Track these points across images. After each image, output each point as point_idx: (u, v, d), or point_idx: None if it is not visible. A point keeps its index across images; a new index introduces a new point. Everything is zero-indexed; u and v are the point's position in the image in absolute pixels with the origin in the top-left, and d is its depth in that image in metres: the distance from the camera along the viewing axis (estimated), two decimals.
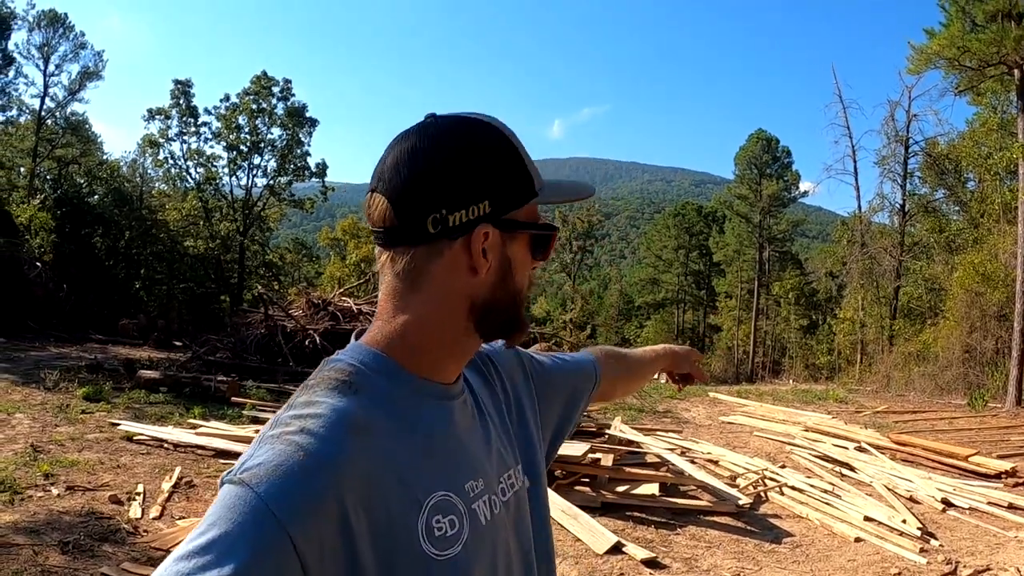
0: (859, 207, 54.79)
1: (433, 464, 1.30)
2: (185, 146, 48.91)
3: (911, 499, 11.17)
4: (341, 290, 28.09)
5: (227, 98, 49.40)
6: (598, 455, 10.63)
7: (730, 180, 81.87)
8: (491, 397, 1.61)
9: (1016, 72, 28.92)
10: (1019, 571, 8.26)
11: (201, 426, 13.34)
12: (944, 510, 10.79)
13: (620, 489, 10.22)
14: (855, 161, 55.20)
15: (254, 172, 51.01)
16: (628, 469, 10.78)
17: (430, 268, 1.31)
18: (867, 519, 9.97)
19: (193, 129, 48.84)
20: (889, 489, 11.43)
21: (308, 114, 50.91)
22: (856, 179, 55.93)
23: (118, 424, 12.80)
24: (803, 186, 75.67)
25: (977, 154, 40.48)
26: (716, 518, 9.92)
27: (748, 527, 9.71)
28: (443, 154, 1.28)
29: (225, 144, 49.92)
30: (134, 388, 16.53)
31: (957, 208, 48.27)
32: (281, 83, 50.08)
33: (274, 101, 49.78)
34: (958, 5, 30.32)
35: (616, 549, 8.25)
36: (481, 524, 1.33)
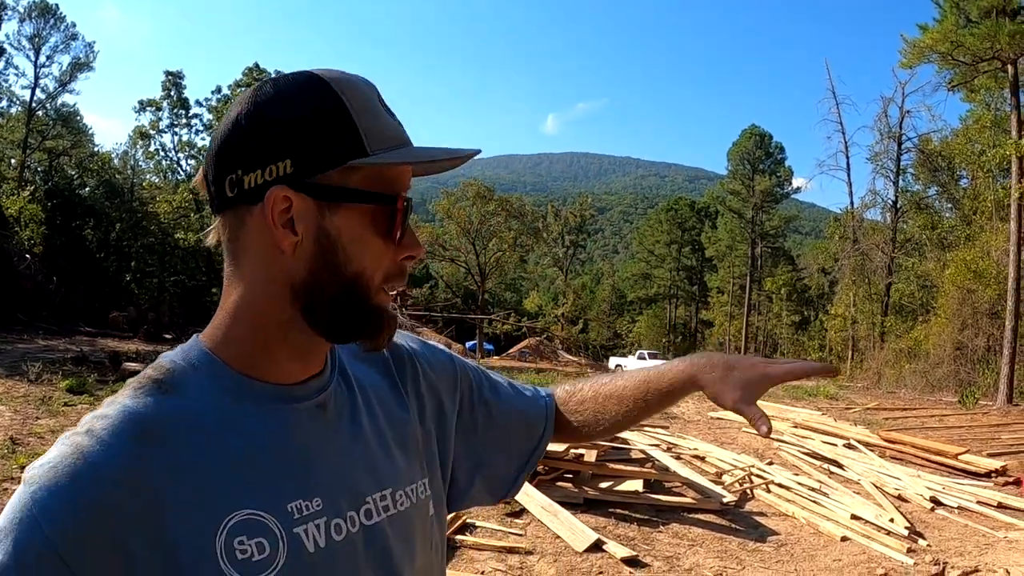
0: (851, 203, 55.15)
1: (245, 478, 1.07)
2: (176, 138, 48.93)
3: (899, 497, 11.06)
4: None
5: (219, 90, 49.40)
6: (581, 450, 10.49)
7: (723, 175, 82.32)
8: (394, 401, 1.36)
9: (1010, 68, 29.00)
10: (1008, 572, 8.14)
11: None
12: (933, 509, 10.67)
13: (603, 485, 10.07)
14: (848, 157, 55.56)
15: None
16: (612, 465, 10.63)
17: (241, 240, 1.11)
18: (854, 518, 9.84)
19: (184, 121, 48.84)
20: (877, 487, 11.32)
21: None
22: (849, 175, 56.24)
23: None
24: (796, 182, 76.25)
25: (970, 151, 40.61)
26: (700, 515, 9.75)
27: (733, 525, 9.56)
28: (247, 111, 1.09)
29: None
30: (118, 380, 16.35)
31: (950, 205, 48.50)
32: (273, 75, 49.89)
33: None
34: (952, 0, 30.31)
35: (596, 547, 8.03)
36: (307, 551, 1.10)
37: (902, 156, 49.30)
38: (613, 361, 52.40)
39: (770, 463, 12.81)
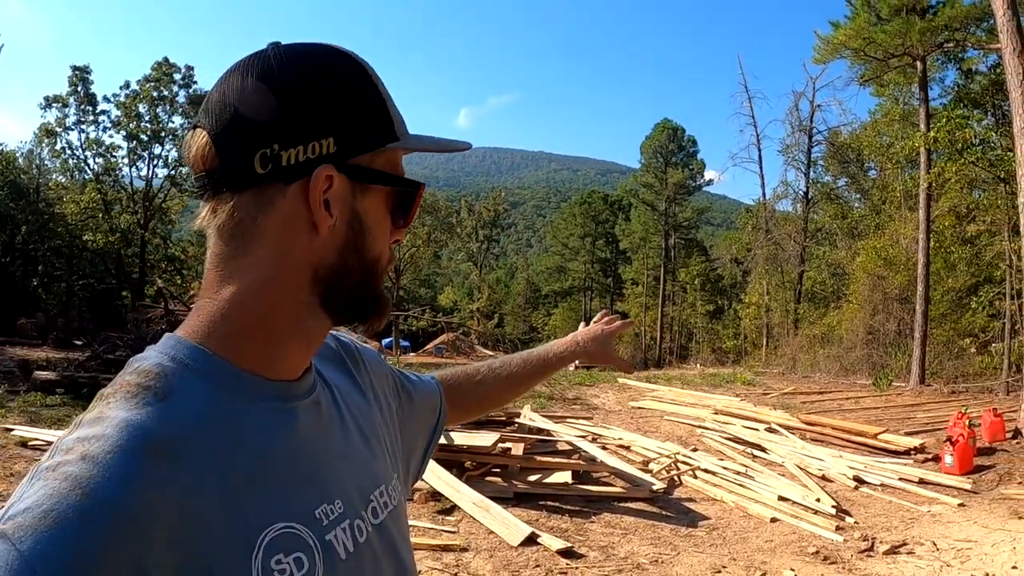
0: (763, 195, 56.03)
1: (268, 487, 0.99)
2: (83, 135, 47.42)
3: (823, 478, 11.28)
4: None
5: (127, 85, 48.13)
6: (508, 444, 10.44)
7: (636, 169, 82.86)
8: (360, 396, 1.32)
9: (919, 64, 29.78)
10: (935, 544, 8.34)
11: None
12: (857, 487, 10.92)
13: (532, 478, 10.07)
14: (760, 150, 56.53)
15: (155, 162, 49.18)
16: (539, 458, 10.62)
17: (259, 222, 1.02)
18: (781, 499, 10.01)
19: (92, 118, 47.39)
20: (801, 468, 11.51)
21: None
22: (761, 167, 57.17)
23: (12, 429, 12.17)
24: (708, 175, 77.13)
25: (879, 143, 41.71)
26: (631, 504, 9.85)
27: (663, 512, 9.66)
28: (281, 81, 1.01)
29: (125, 133, 48.20)
30: (29, 390, 15.80)
31: (859, 195, 49.61)
32: (183, 70, 49.24)
33: (176, 88, 48.85)
34: None
35: (531, 540, 8.04)
36: (340, 558, 1.04)
37: (813, 148, 50.25)
38: None
39: (694, 450, 12.96)
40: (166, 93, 48.37)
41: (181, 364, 0.99)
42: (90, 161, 47.98)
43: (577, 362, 2.13)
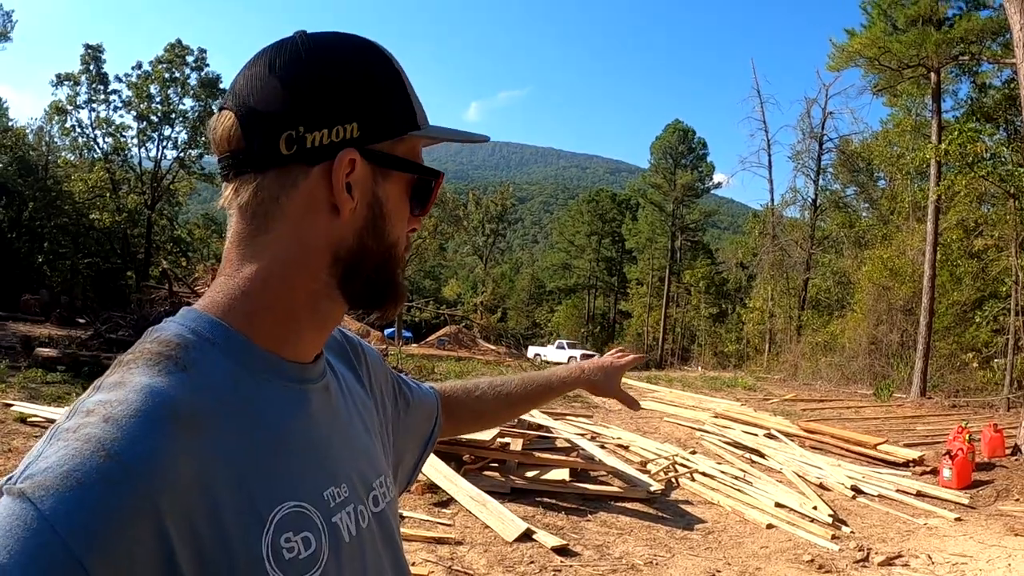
0: (772, 200, 56.20)
1: (281, 466, 0.99)
2: (94, 114, 47.16)
3: (821, 486, 11.29)
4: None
5: (139, 66, 47.95)
6: (507, 439, 10.44)
7: (645, 169, 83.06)
8: (361, 390, 1.33)
9: (933, 76, 29.82)
10: (930, 557, 8.35)
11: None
12: (854, 497, 10.94)
13: (530, 474, 10.07)
14: (770, 155, 56.81)
15: (164, 144, 49.03)
16: (538, 454, 10.63)
17: (281, 202, 1.03)
18: (779, 505, 10.02)
19: (103, 97, 47.18)
20: (799, 476, 11.53)
21: (223, 85, 49.45)
22: (770, 172, 57.43)
23: (11, 405, 12.18)
24: (717, 177, 77.40)
25: (889, 153, 41.76)
26: (627, 504, 9.85)
27: (660, 513, 9.67)
28: (308, 66, 1.03)
29: (135, 114, 47.81)
30: (31, 367, 15.79)
31: (867, 205, 49.70)
32: (196, 52, 49.11)
33: (188, 71, 48.46)
34: (880, 8, 31.24)
35: (526, 536, 8.04)
36: (344, 542, 1.04)
37: (823, 156, 50.50)
38: (532, 350, 52.66)
39: (693, 452, 12.96)
40: (178, 75, 48.16)
41: (202, 337, 1.00)
42: (99, 140, 47.83)
43: (577, 359, 2.12)
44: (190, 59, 48.51)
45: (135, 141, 48.65)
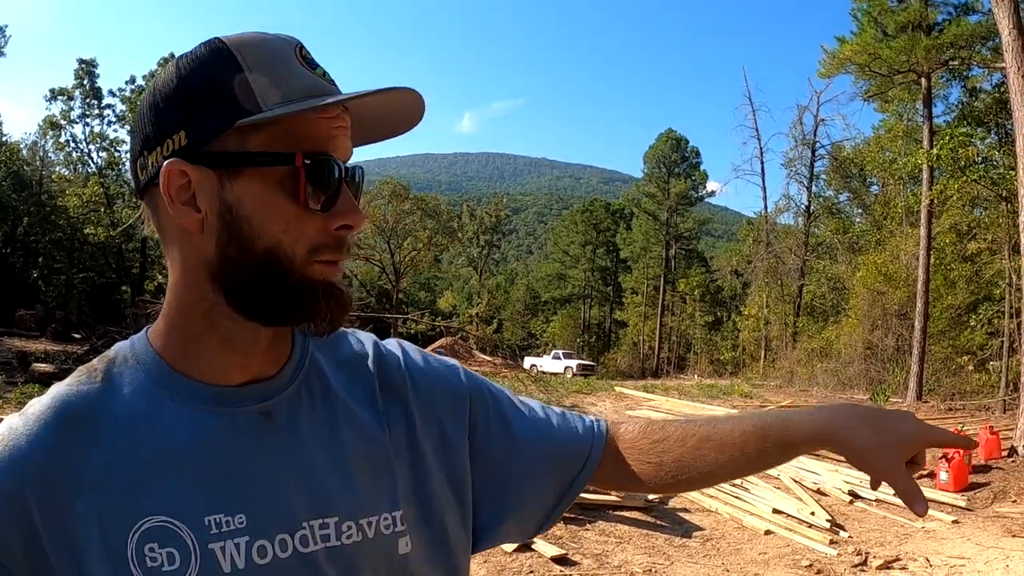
0: (765, 207, 56.30)
1: (162, 482, 0.99)
2: (88, 129, 47.45)
3: (819, 491, 11.32)
4: None
5: (133, 80, 48.13)
6: None
7: (638, 178, 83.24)
8: (372, 419, 1.18)
9: (923, 81, 30.08)
10: (928, 560, 8.37)
11: None
12: (851, 502, 10.97)
13: None
14: (763, 162, 56.81)
15: None
16: None
17: (160, 224, 1.05)
18: (776, 512, 10.04)
19: (97, 111, 47.42)
20: (797, 482, 11.54)
21: None
22: (763, 180, 57.42)
23: None
24: (710, 186, 77.70)
25: (882, 159, 42.02)
26: (625, 513, 9.84)
27: (658, 521, 9.68)
28: (151, 90, 1.03)
29: (130, 128, 47.99)
30: (27, 382, 15.84)
31: (860, 211, 50.00)
32: None
33: None
34: (870, 15, 31.46)
35: (525, 546, 8.04)
36: (222, 570, 0.98)
37: (815, 162, 50.80)
38: (528, 361, 52.67)
39: None
40: None
41: (131, 354, 1.07)
42: (93, 155, 48.04)
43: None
44: None
45: (129, 156, 48.82)
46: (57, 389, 1.03)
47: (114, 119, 47.99)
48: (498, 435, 1.30)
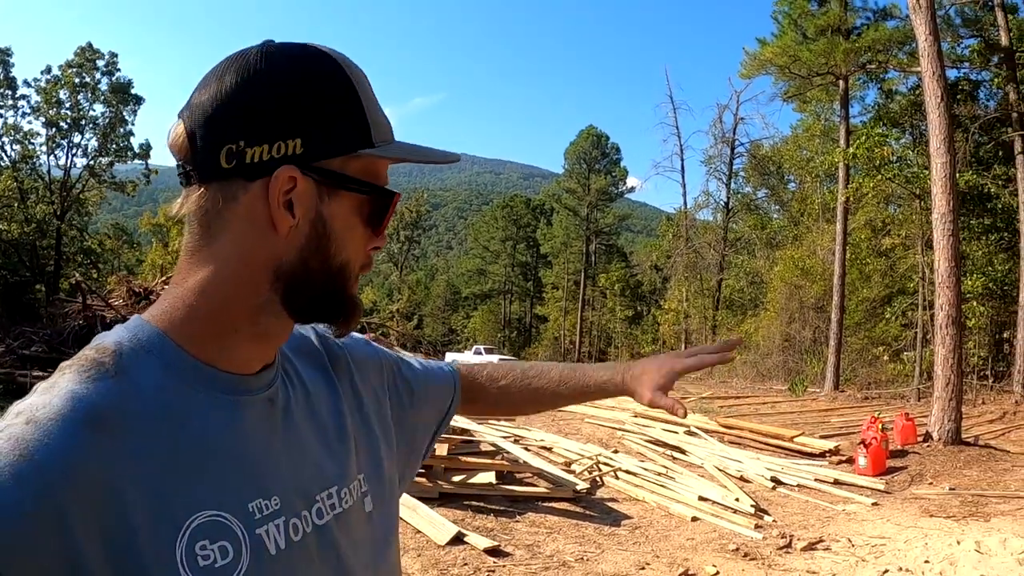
0: (685, 203, 56.84)
1: (203, 475, 0.99)
2: (1, 121, 45.80)
3: (742, 479, 11.53)
4: (164, 278, 27.02)
5: (48, 70, 46.50)
6: (433, 445, 10.44)
7: (558, 174, 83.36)
8: (330, 394, 1.30)
9: (841, 83, 30.77)
10: (850, 541, 8.62)
11: None
12: (774, 488, 11.21)
13: (456, 479, 10.09)
14: (682, 159, 57.39)
15: (74, 151, 47.80)
16: (463, 458, 10.67)
17: (224, 215, 1.03)
18: (702, 499, 10.21)
19: (11, 102, 45.60)
20: (720, 470, 11.75)
21: (134, 91, 48.58)
22: (683, 177, 57.94)
23: None
24: (630, 182, 77.97)
25: (799, 157, 42.89)
26: (555, 504, 9.95)
27: (587, 512, 9.77)
28: (256, 78, 1.02)
29: (44, 120, 46.43)
30: None
31: (778, 207, 50.77)
32: (107, 57, 47.74)
33: (98, 75, 47.29)
34: (791, 17, 32.14)
35: (458, 539, 8.07)
36: (269, 554, 1.03)
37: (735, 160, 51.41)
38: (449, 356, 52.43)
39: (615, 451, 13.10)
40: (88, 80, 46.75)
41: (139, 345, 1.02)
42: (7, 148, 46.14)
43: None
44: (101, 63, 47.20)
45: (44, 149, 47.03)
46: (65, 387, 0.94)
47: (29, 111, 46.38)
48: (406, 394, 1.49)
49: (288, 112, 1.01)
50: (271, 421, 1.12)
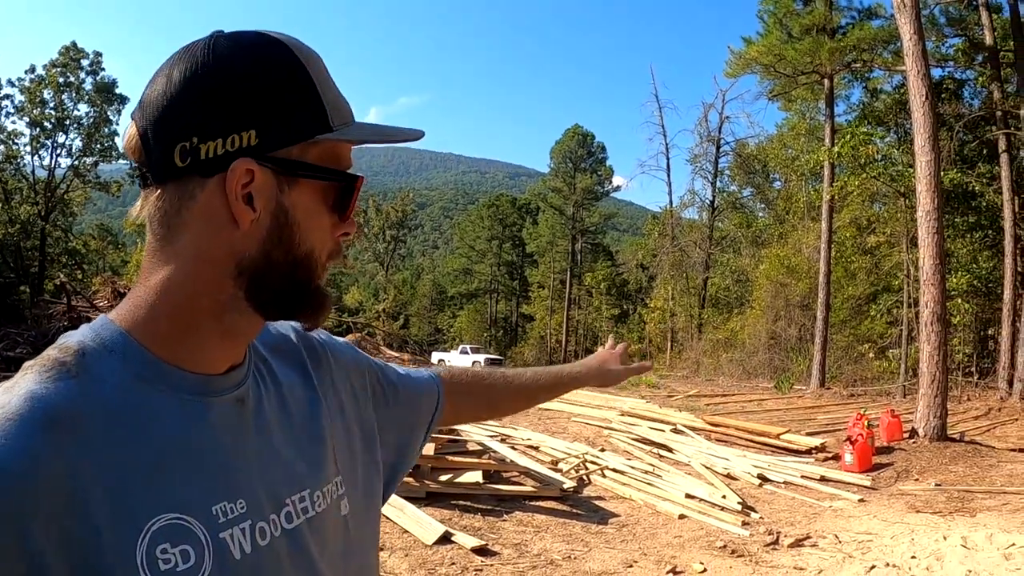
0: (671, 202, 57.19)
1: (165, 477, 0.97)
2: None
3: (729, 476, 11.57)
4: None
5: (32, 69, 46.08)
6: None
7: (544, 173, 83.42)
8: (309, 395, 1.28)
9: (826, 82, 30.85)
10: (837, 537, 8.65)
11: None
12: (761, 485, 11.25)
13: (443, 478, 10.06)
14: (668, 158, 57.65)
15: (58, 151, 46.42)
16: (450, 458, 10.63)
17: (183, 214, 1.01)
18: (689, 496, 10.23)
19: None
20: (707, 467, 11.78)
21: (118, 90, 48.11)
22: (668, 175, 58.39)
23: None
24: (616, 181, 78.14)
25: (784, 156, 43.03)
26: (542, 503, 9.96)
27: (574, 510, 9.79)
28: (203, 71, 1.00)
29: (28, 120, 45.11)
30: None
31: (763, 206, 50.95)
32: (91, 56, 47.18)
33: (83, 75, 46.85)
34: (776, 17, 32.21)
35: (445, 539, 8.07)
36: (234, 558, 1.01)
37: (720, 159, 51.60)
38: (435, 356, 52.51)
39: (602, 450, 13.11)
40: (72, 79, 46.39)
41: (102, 345, 1.00)
42: None
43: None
44: (85, 63, 46.76)
45: (28, 149, 46.62)
46: (25, 387, 0.92)
47: (12, 110, 45.84)
48: (391, 399, 1.47)
49: (239, 104, 1.00)
50: (240, 422, 1.10)
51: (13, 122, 45.89)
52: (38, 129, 45.80)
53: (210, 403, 1.05)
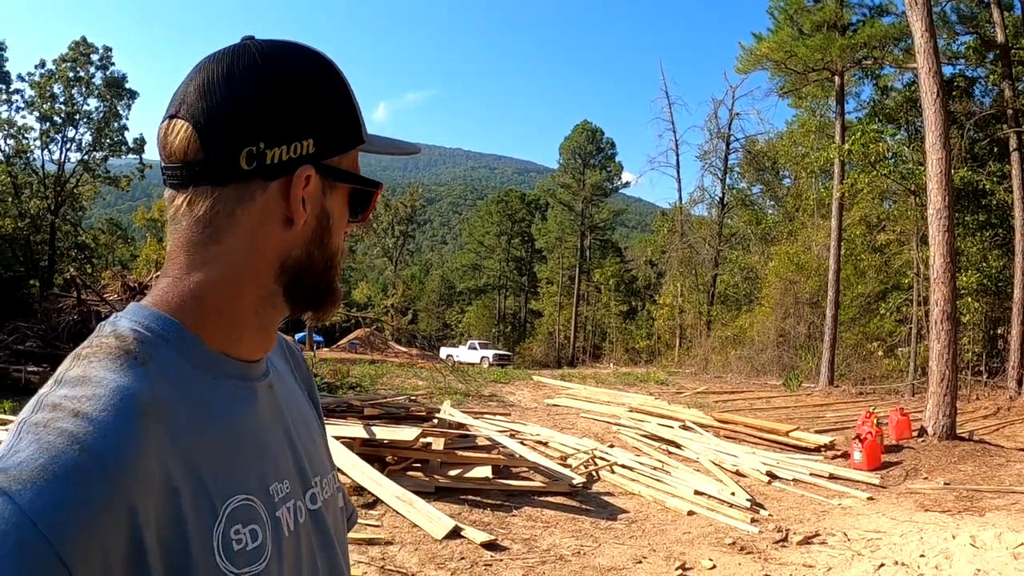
0: (680, 199, 57.08)
1: (232, 460, 1.01)
2: None
3: (737, 473, 11.58)
4: (158, 273, 26.95)
5: (43, 64, 46.09)
6: (429, 439, 10.36)
7: (553, 169, 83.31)
8: (299, 389, 1.36)
9: (837, 79, 30.73)
10: (846, 535, 8.66)
11: (11, 422, 12.37)
12: (770, 482, 11.27)
13: (453, 473, 10.07)
14: (678, 155, 57.77)
15: (68, 146, 46.24)
16: (460, 453, 10.62)
17: (237, 215, 1.04)
18: (698, 493, 10.25)
19: (4, 97, 45.07)
20: (716, 464, 11.79)
21: (128, 85, 48.03)
22: (678, 172, 58.48)
23: None
24: (625, 177, 78.15)
25: (794, 153, 42.96)
26: (551, 498, 9.97)
27: (583, 506, 9.81)
28: (266, 78, 1.04)
29: (38, 114, 44.93)
30: None
31: (773, 203, 50.87)
32: (101, 51, 47.13)
33: (92, 70, 46.76)
34: (787, 13, 32.12)
35: (455, 533, 8.09)
36: (284, 536, 1.06)
37: (730, 155, 51.44)
38: (444, 351, 52.51)
39: (611, 446, 13.11)
40: (82, 74, 46.35)
41: (156, 334, 1.01)
42: (1, 142, 46.13)
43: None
44: (95, 58, 46.62)
45: (38, 143, 46.48)
46: (107, 377, 0.92)
47: (23, 105, 45.88)
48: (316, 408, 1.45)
49: (301, 113, 1.05)
50: (275, 406, 1.17)
51: (23, 117, 45.81)
52: (48, 124, 45.68)
53: (255, 388, 1.12)
